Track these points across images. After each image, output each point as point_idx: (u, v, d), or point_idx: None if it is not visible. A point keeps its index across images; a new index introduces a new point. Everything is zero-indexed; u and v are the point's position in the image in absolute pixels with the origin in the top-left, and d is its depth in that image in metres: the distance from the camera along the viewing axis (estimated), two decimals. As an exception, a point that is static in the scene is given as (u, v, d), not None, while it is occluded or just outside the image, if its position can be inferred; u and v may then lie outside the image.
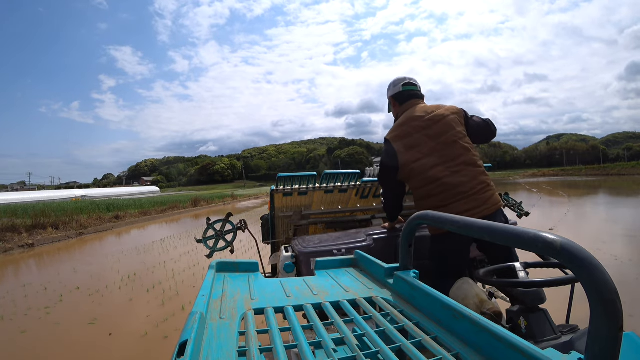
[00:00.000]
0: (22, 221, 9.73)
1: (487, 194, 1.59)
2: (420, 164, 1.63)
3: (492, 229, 0.41)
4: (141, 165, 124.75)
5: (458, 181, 1.58)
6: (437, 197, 1.60)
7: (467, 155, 1.61)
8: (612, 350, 0.30)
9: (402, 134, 1.67)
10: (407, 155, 1.64)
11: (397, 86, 1.80)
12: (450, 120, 1.64)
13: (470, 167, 1.61)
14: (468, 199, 1.57)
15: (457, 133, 1.63)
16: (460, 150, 1.61)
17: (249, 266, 0.77)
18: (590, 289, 0.30)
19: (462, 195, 1.57)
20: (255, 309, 0.56)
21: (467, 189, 1.57)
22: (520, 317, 1.18)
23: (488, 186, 1.62)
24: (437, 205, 1.60)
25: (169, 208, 16.68)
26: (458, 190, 1.57)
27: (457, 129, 1.64)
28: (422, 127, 1.65)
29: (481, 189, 1.58)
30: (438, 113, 1.66)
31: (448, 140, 1.62)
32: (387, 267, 0.69)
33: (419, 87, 1.83)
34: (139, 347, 2.74)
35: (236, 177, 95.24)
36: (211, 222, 2.06)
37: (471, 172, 1.60)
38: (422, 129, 1.65)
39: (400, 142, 1.66)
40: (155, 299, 3.88)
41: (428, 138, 1.63)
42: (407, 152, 1.64)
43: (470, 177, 1.59)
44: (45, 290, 4.48)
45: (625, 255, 4.41)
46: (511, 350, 0.38)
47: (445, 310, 0.50)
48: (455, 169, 1.59)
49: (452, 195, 1.59)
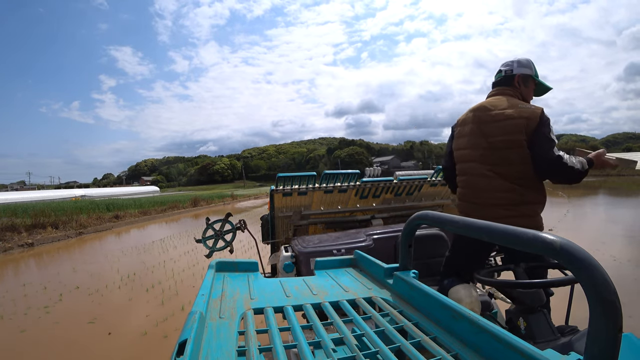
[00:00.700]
0: (22, 221, 9.73)
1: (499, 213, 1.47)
2: (461, 153, 1.65)
3: (492, 229, 0.41)
4: (141, 165, 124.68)
5: (483, 186, 1.52)
6: (464, 191, 1.62)
7: (505, 167, 1.48)
8: (611, 351, 0.30)
9: (467, 119, 1.64)
10: (457, 141, 1.68)
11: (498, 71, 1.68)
12: (513, 124, 1.46)
13: (501, 179, 1.49)
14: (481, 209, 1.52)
15: (513, 141, 1.46)
16: (503, 158, 1.48)
17: (248, 266, 0.77)
18: (590, 290, 0.30)
19: (476, 202, 1.54)
20: (254, 308, 0.56)
21: (483, 200, 1.52)
22: (520, 317, 1.18)
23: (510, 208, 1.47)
24: (464, 199, 1.63)
25: (169, 208, 16.67)
26: (477, 195, 1.54)
27: (516, 136, 1.46)
28: (480, 121, 1.56)
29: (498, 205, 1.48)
30: (505, 113, 1.50)
31: (497, 143, 1.49)
32: (387, 267, 0.69)
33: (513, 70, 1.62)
34: (138, 346, 2.74)
35: (236, 177, 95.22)
36: (210, 222, 2.06)
37: (500, 185, 1.48)
38: (480, 122, 1.56)
39: (459, 127, 1.69)
40: (154, 298, 3.88)
41: (480, 133, 1.54)
42: (458, 138, 1.68)
43: (495, 189, 1.49)
44: (45, 289, 4.48)
45: (624, 255, 4.42)
46: (510, 350, 0.38)
47: (444, 310, 0.50)
48: (488, 173, 1.51)
49: (472, 195, 1.57)
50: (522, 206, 1.48)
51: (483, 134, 1.54)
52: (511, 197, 1.48)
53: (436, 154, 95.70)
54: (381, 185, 2.43)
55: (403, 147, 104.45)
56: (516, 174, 1.46)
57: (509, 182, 1.47)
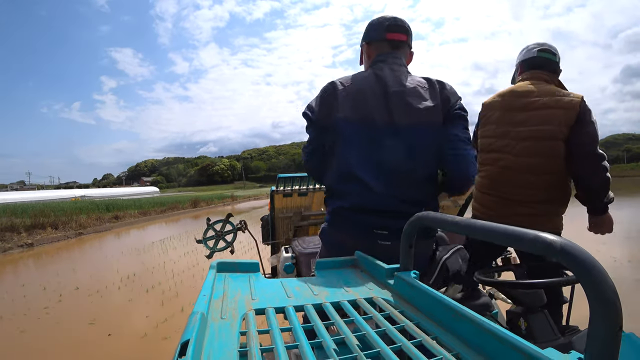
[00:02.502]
0: (21, 221, 9.70)
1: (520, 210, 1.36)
2: (485, 141, 1.50)
3: (492, 229, 0.41)
4: (141, 165, 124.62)
5: (505, 179, 1.40)
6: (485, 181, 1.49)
7: (533, 160, 1.34)
8: (611, 350, 0.30)
9: (493, 104, 1.49)
10: (484, 127, 1.52)
11: (532, 51, 1.49)
12: (549, 114, 1.31)
13: (527, 173, 1.35)
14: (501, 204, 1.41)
15: (546, 132, 1.32)
16: (532, 150, 1.34)
17: (249, 266, 0.78)
18: (590, 290, 0.31)
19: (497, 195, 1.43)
20: (256, 309, 0.56)
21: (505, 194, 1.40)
22: (520, 318, 1.19)
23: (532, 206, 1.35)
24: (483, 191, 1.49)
25: (169, 208, 16.65)
26: (499, 188, 1.43)
27: (551, 127, 1.31)
28: (510, 107, 1.41)
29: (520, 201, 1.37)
30: (540, 100, 1.35)
31: (527, 133, 1.35)
32: (388, 267, 0.69)
33: (558, 58, 1.48)
34: (138, 347, 2.74)
35: (236, 178, 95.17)
36: (211, 222, 2.06)
37: (524, 180, 1.35)
38: (509, 109, 1.41)
39: (485, 111, 1.53)
40: (154, 299, 3.88)
41: (508, 121, 1.40)
42: (483, 126, 1.53)
43: (518, 184, 1.37)
44: (45, 290, 4.47)
45: (624, 256, 4.42)
46: (511, 350, 0.38)
47: (445, 310, 0.50)
48: (513, 166, 1.37)
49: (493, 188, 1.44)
50: (547, 204, 1.38)
51: (511, 122, 1.40)
52: (535, 193, 1.36)
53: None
54: None
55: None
56: (545, 169, 1.33)
57: (535, 177, 1.35)
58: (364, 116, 1.01)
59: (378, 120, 1.00)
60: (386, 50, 1.09)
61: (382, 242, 0.98)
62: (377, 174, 0.99)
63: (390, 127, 0.99)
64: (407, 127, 0.99)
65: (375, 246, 0.97)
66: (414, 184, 1.01)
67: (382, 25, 1.09)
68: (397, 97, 1.00)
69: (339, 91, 1.05)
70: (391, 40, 1.08)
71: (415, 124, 0.99)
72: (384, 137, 0.99)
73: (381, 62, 1.07)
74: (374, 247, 0.95)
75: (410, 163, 0.99)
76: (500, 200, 1.45)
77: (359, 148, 1.01)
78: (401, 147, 0.98)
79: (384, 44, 1.09)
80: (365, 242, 0.97)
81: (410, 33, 1.11)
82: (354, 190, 1.01)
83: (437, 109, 1.00)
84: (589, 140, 1.28)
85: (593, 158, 1.27)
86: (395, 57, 1.07)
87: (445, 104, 1.02)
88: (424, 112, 0.99)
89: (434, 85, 1.03)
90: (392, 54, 1.08)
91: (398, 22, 1.09)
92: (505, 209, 1.44)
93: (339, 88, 1.05)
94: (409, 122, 0.99)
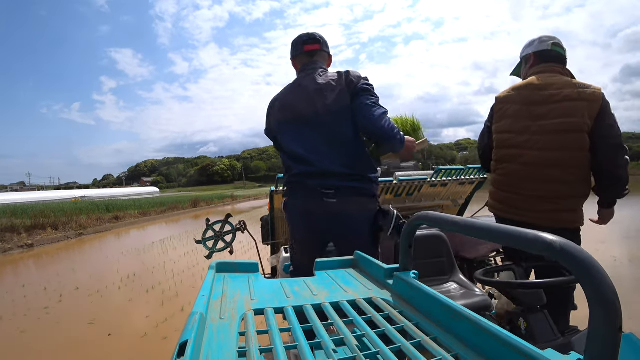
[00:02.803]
0: (22, 221, 9.71)
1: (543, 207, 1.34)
2: (502, 137, 1.47)
3: (492, 229, 0.41)
4: (141, 165, 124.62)
5: (526, 175, 1.37)
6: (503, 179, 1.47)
7: (557, 154, 1.32)
8: (611, 351, 0.30)
9: (509, 98, 1.47)
10: (500, 122, 1.49)
11: (546, 43, 1.47)
12: (573, 107, 1.30)
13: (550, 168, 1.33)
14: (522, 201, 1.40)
15: (571, 125, 1.29)
16: (556, 144, 1.32)
17: (248, 267, 0.77)
18: (590, 290, 0.30)
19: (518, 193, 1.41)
20: (255, 309, 0.56)
21: (527, 191, 1.38)
22: (520, 318, 1.19)
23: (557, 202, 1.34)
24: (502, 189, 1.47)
25: (169, 209, 16.66)
26: (520, 185, 1.40)
27: (575, 119, 1.29)
28: (529, 101, 1.38)
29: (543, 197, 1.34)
30: (563, 92, 1.33)
31: (550, 126, 1.32)
32: (387, 267, 0.69)
33: (566, 54, 1.49)
34: (138, 347, 2.74)
35: (236, 178, 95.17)
36: (210, 223, 2.06)
37: (547, 176, 1.33)
38: (529, 103, 1.38)
39: (500, 105, 1.49)
40: (154, 299, 3.88)
41: (528, 115, 1.38)
42: (499, 121, 1.49)
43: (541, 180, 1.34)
44: (45, 290, 4.47)
45: (624, 255, 4.42)
46: (511, 350, 0.38)
47: (445, 311, 0.50)
48: (534, 162, 1.35)
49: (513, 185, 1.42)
50: (570, 199, 1.35)
51: (532, 116, 1.36)
52: (560, 189, 1.34)
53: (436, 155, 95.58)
54: (381, 186, 2.43)
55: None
56: (571, 162, 1.31)
57: (561, 171, 1.32)
58: (293, 113, 1.33)
59: (304, 113, 1.31)
60: (306, 61, 1.41)
61: (329, 199, 1.22)
62: (311, 149, 1.29)
63: (314, 115, 1.29)
64: (326, 111, 1.28)
65: (323, 204, 1.23)
66: (341, 151, 1.28)
67: (300, 41, 1.42)
68: (315, 93, 1.30)
69: (275, 104, 1.41)
70: (308, 51, 1.40)
71: (330, 107, 1.28)
72: (310, 123, 1.30)
73: (303, 72, 1.40)
74: (322, 205, 1.22)
75: (333, 135, 1.28)
76: (520, 197, 1.42)
77: (294, 136, 1.33)
78: (325, 126, 1.29)
79: (303, 56, 1.42)
80: (315, 200, 1.24)
81: (324, 42, 1.42)
82: (298, 164, 1.31)
83: (344, 92, 1.29)
84: (614, 133, 1.27)
85: (618, 150, 1.27)
86: (314, 63, 1.39)
87: (350, 85, 1.29)
88: (335, 97, 1.28)
89: (342, 75, 1.32)
90: (311, 62, 1.39)
91: (311, 36, 1.41)
92: (525, 205, 1.40)
93: (275, 101, 1.42)
94: (326, 108, 1.28)
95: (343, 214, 1.23)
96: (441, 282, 1.75)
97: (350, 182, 1.24)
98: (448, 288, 1.70)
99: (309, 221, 1.30)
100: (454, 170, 2.53)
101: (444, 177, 2.49)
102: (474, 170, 2.58)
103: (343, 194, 1.22)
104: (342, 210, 1.22)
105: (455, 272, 1.80)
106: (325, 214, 1.24)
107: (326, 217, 1.25)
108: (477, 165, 2.61)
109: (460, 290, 1.66)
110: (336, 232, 1.28)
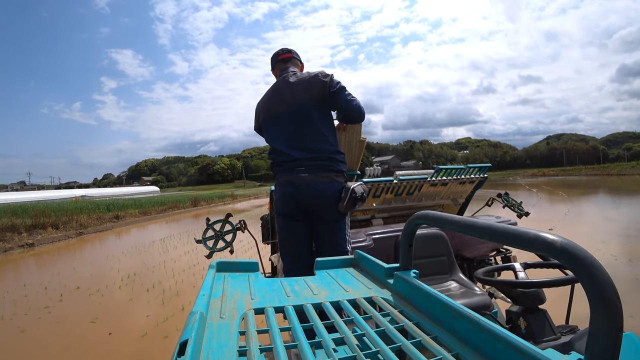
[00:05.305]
0: (22, 221, 9.72)
1: None
2: None
3: (492, 228, 0.41)
4: (141, 165, 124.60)
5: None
6: None
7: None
8: (611, 350, 0.30)
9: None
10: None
11: None
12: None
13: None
14: None
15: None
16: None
17: (249, 266, 0.77)
18: (590, 290, 0.30)
19: None
20: (255, 308, 0.56)
21: None
22: (520, 317, 1.18)
23: None
24: None
25: (169, 208, 16.67)
26: None
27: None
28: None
29: None
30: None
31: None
32: (387, 267, 0.69)
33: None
34: (138, 346, 2.74)
35: (236, 177, 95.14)
36: (211, 222, 2.06)
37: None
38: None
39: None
40: (155, 298, 3.88)
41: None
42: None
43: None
44: (46, 289, 4.48)
45: (625, 255, 4.42)
46: (511, 350, 0.38)
47: (445, 310, 0.50)
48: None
49: None
50: None
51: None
52: None
53: (436, 154, 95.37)
54: (381, 185, 2.43)
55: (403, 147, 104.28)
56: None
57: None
58: (271, 110, 1.66)
59: (280, 110, 1.63)
60: (282, 68, 1.74)
61: (301, 174, 1.55)
62: (287, 141, 1.60)
63: (289, 111, 1.60)
64: (299, 107, 1.58)
65: (297, 177, 1.55)
66: (311, 138, 1.58)
67: (275, 54, 1.79)
68: (288, 92, 1.61)
69: (260, 103, 1.75)
70: (282, 59, 1.76)
71: (302, 104, 1.58)
72: (286, 119, 1.61)
73: (280, 76, 1.71)
74: (297, 178, 1.55)
75: (304, 125, 1.58)
76: None
77: (274, 130, 1.66)
78: (297, 120, 1.59)
79: (280, 64, 1.76)
80: (291, 175, 1.56)
81: (294, 52, 1.78)
82: (278, 154, 1.63)
83: (314, 87, 1.58)
84: None
85: None
86: (286, 69, 1.71)
87: (324, 83, 1.57)
88: (307, 94, 1.59)
89: (312, 75, 1.62)
90: (285, 69, 1.72)
91: (284, 49, 1.78)
92: None
93: (260, 102, 1.75)
94: (299, 105, 1.58)
95: (313, 183, 1.56)
96: (441, 281, 1.75)
97: (317, 161, 1.57)
98: (448, 287, 1.70)
99: (292, 189, 1.58)
100: (454, 169, 2.53)
101: (444, 177, 2.49)
102: (474, 170, 2.58)
103: (312, 170, 1.56)
104: (312, 180, 1.55)
105: (455, 271, 1.80)
106: (302, 183, 1.56)
107: (302, 184, 1.56)
108: (478, 165, 2.61)
109: (460, 290, 1.66)
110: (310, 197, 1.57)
